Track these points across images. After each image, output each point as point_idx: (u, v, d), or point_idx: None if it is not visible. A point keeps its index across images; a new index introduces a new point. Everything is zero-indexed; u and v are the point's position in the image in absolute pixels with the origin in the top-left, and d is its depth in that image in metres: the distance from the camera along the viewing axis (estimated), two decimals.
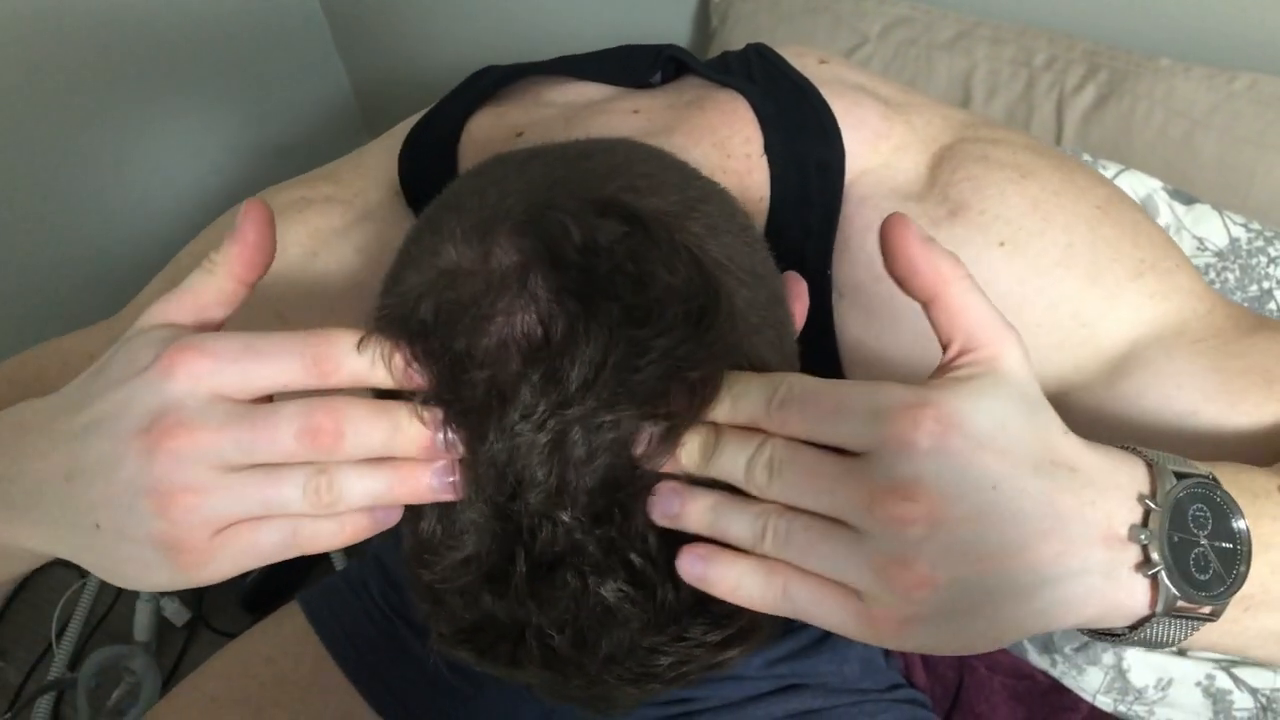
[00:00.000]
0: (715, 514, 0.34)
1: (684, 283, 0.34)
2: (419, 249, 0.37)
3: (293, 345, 0.34)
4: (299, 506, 0.34)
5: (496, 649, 0.36)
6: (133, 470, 0.33)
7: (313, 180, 0.61)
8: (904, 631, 0.32)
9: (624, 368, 0.32)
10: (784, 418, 0.33)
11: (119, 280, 1.46)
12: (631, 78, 0.60)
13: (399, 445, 0.34)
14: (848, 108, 0.55)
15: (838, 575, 0.33)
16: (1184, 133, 0.92)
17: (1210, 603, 0.34)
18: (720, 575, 0.34)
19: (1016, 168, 0.52)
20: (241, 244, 0.37)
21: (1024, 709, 0.86)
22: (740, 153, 0.54)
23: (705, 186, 0.41)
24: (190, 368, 0.33)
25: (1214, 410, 0.49)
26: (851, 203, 0.54)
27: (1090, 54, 0.99)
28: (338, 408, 0.33)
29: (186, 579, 0.35)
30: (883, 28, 1.08)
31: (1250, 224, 0.87)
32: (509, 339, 0.33)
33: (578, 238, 0.34)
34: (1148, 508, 0.34)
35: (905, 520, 0.31)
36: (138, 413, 0.33)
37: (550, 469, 0.32)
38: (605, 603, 0.34)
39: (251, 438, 0.33)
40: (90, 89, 1.38)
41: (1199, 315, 0.51)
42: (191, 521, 0.33)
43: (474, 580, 0.35)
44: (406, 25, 1.66)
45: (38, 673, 1.10)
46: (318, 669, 0.76)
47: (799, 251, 0.53)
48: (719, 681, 0.78)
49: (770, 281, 0.40)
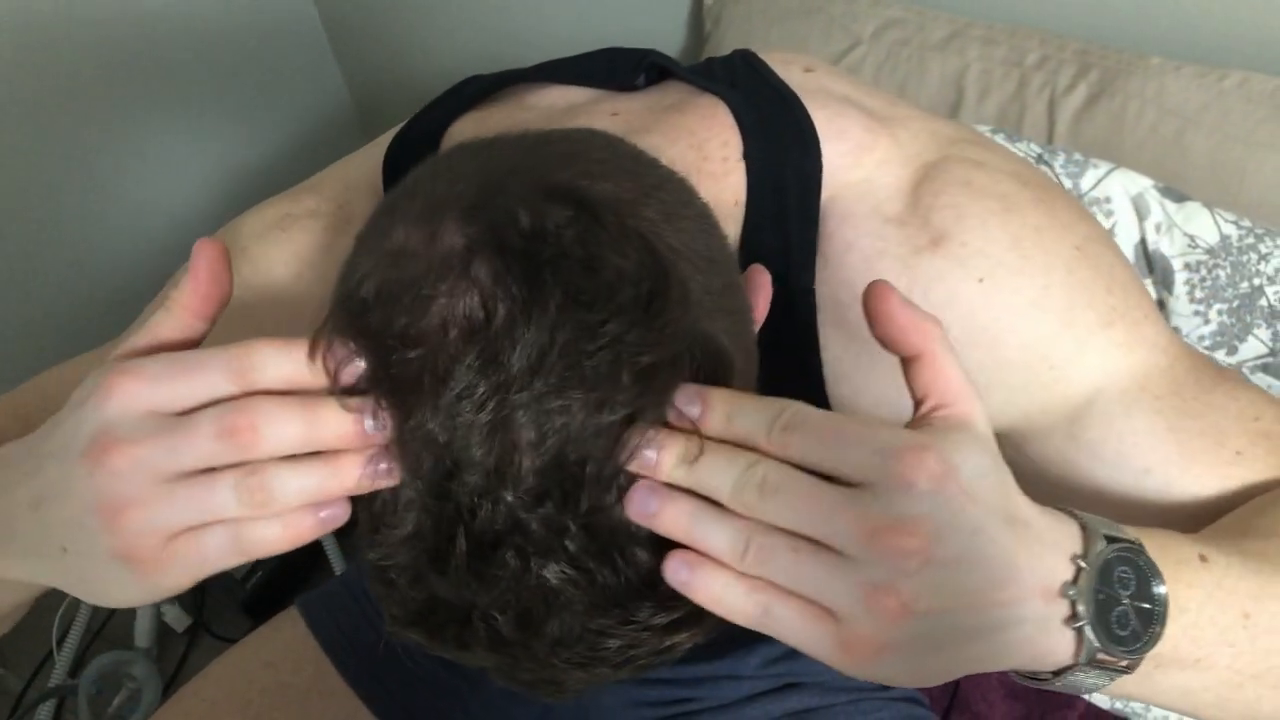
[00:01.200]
0: (694, 521, 0.34)
1: (634, 266, 0.34)
2: (372, 232, 0.38)
3: (217, 357, 0.35)
4: (235, 510, 0.35)
5: (445, 631, 0.36)
6: (81, 491, 0.35)
7: (296, 195, 0.61)
8: (875, 659, 0.34)
9: (572, 352, 0.32)
10: (785, 440, 0.34)
11: (117, 287, 1.47)
12: (614, 81, 0.61)
13: (320, 436, 0.34)
14: (830, 118, 0.55)
15: (823, 597, 0.33)
16: (1175, 131, 0.93)
17: (1127, 657, 0.37)
18: (704, 584, 0.34)
19: (1000, 198, 0.52)
20: (195, 283, 0.38)
21: (1021, 706, 0.87)
22: (717, 156, 0.54)
23: (662, 173, 0.41)
24: (124, 389, 0.35)
25: (1168, 471, 0.51)
26: (833, 219, 0.54)
27: (1081, 53, 0.99)
28: (252, 405, 0.34)
29: (152, 589, 0.37)
30: (875, 29, 1.08)
31: (1241, 221, 0.88)
32: (448, 320, 0.33)
33: (525, 223, 0.34)
34: (1079, 567, 0.36)
35: (903, 553, 0.32)
36: (82, 437, 0.35)
37: (490, 449, 0.33)
38: (548, 584, 0.34)
39: (175, 442, 0.34)
40: (87, 97, 1.39)
41: (1161, 369, 0.52)
42: (138, 533, 0.35)
43: (417, 559, 0.35)
44: (404, 31, 1.66)
45: (39, 680, 1.11)
46: (317, 674, 0.76)
47: (782, 262, 0.53)
48: (716, 681, 0.78)
49: (727, 269, 0.40)
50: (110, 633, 1.13)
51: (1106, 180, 0.90)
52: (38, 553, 0.38)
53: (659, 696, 0.78)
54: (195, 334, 0.39)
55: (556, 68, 0.63)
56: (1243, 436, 0.51)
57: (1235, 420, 0.51)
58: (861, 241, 0.53)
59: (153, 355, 0.36)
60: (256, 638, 0.80)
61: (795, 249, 0.53)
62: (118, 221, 1.48)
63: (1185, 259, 0.88)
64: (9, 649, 1.14)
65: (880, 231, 0.53)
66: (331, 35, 1.74)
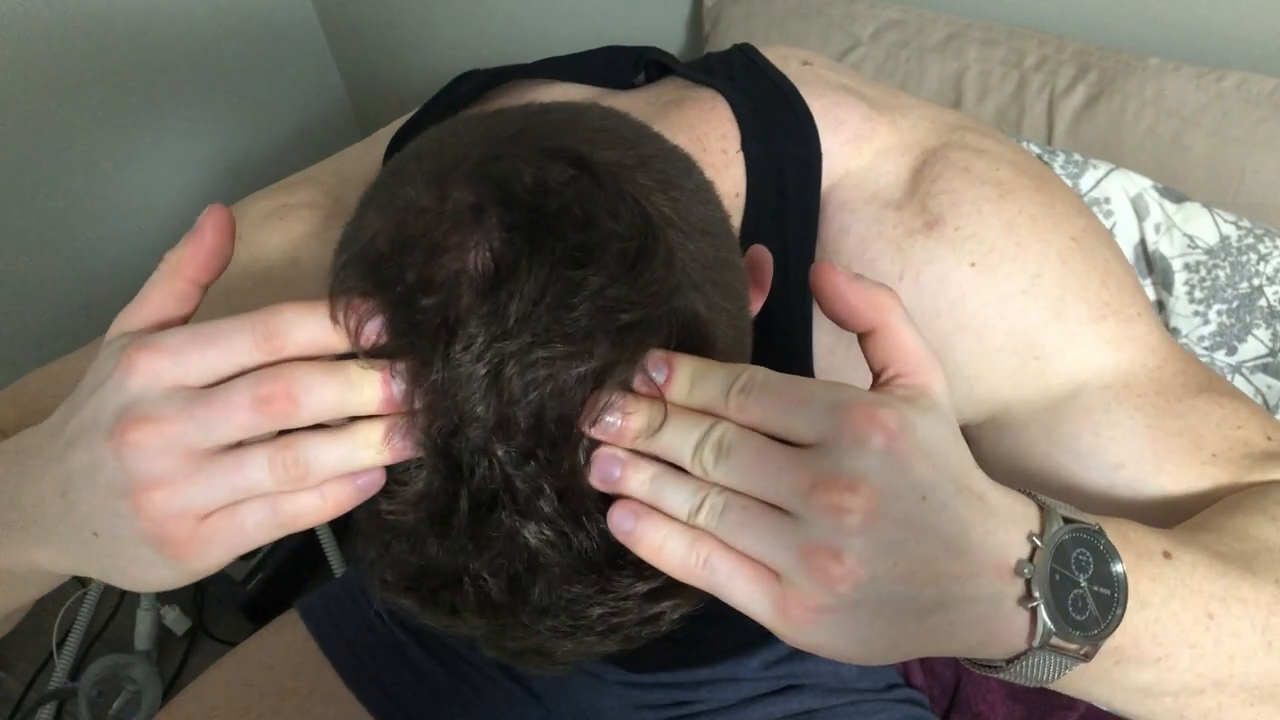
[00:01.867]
0: (654, 485, 0.34)
1: (625, 228, 0.34)
2: (380, 193, 0.38)
3: (242, 324, 0.34)
4: (269, 485, 0.34)
5: (437, 596, 0.36)
6: (109, 473, 0.34)
7: (292, 186, 0.61)
8: (813, 621, 0.33)
9: (559, 306, 0.32)
10: (742, 403, 0.34)
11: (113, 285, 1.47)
12: (614, 79, 0.61)
13: (356, 402, 0.34)
14: (827, 107, 0.55)
15: (763, 554, 0.33)
16: (1174, 131, 0.93)
17: (1085, 643, 0.36)
18: (646, 533, 0.34)
19: (997, 185, 0.52)
20: (197, 246, 0.37)
21: (1022, 707, 0.87)
22: (717, 148, 0.54)
23: (663, 146, 0.41)
24: (146, 364, 0.34)
25: (1141, 468, 0.50)
26: (831, 206, 0.54)
27: (1080, 54, 0.99)
28: (287, 371, 0.34)
29: (186, 571, 0.36)
30: (874, 30, 1.09)
31: (1240, 221, 0.88)
32: (461, 271, 0.33)
33: (529, 180, 0.34)
34: (1034, 545, 0.36)
35: (843, 510, 0.31)
36: (106, 417, 0.34)
37: (489, 404, 0.32)
38: (529, 545, 0.34)
39: (207, 415, 0.33)
40: (83, 94, 1.38)
41: (1148, 369, 0.52)
42: (168, 514, 0.34)
43: (421, 520, 0.34)
44: (400, 28, 1.66)
45: (39, 683, 1.10)
46: (318, 677, 0.76)
47: (781, 253, 0.53)
48: (717, 684, 0.78)
49: (722, 243, 0.40)
50: (110, 636, 1.13)
51: (1106, 181, 0.90)
52: (68, 539, 0.37)
53: (660, 699, 0.78)
54: (193, 303, 0.38)
55: (557, 65, 0.63)
56: (1221, 442, 0.50)
57: (1216, 425, 0.51)
58: (858, 226, 0.53)
59: (168, 329, 0.35)
60: (256, 641, 0.80)
61: (793, 240, 0.53)
62: (114, 219, 1.48)
63: (1185, 259, 0.88)
64: (9, 652, 1.13)
65: (877, 216, 0.53)
66: (328, 32, 1.74)
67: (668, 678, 0.78)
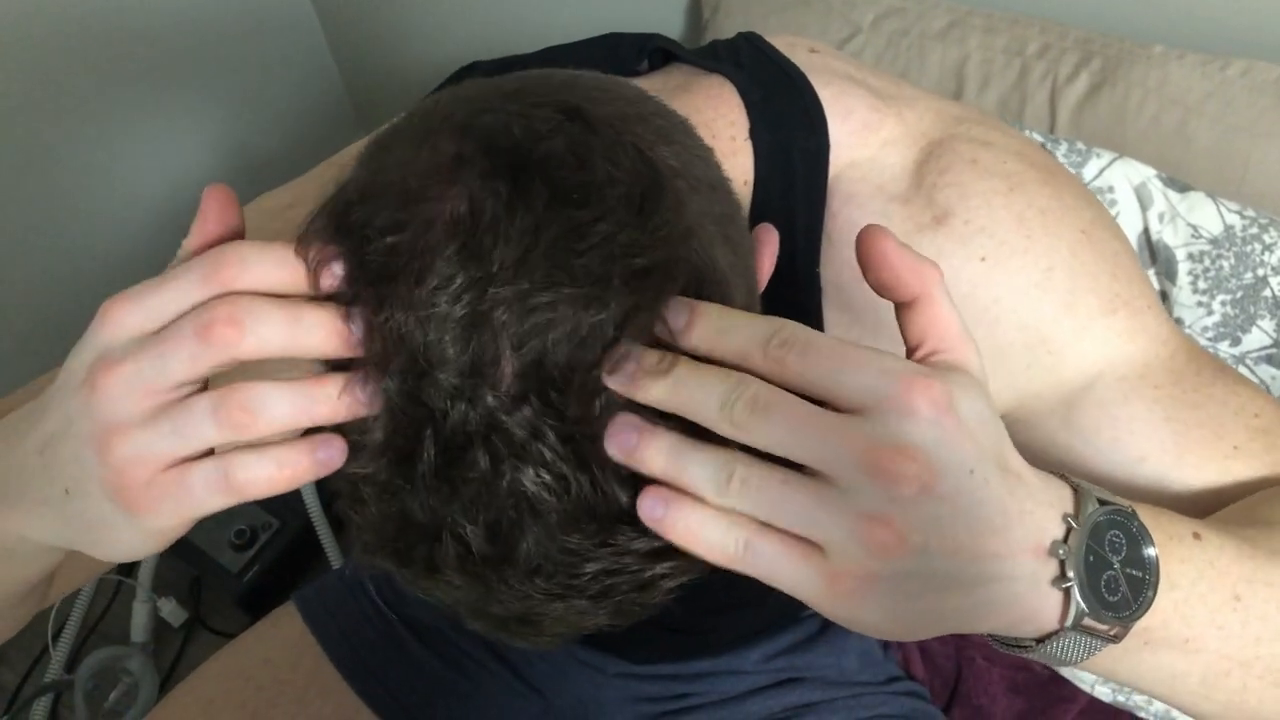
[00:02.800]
0: (673, 454, 0.32)
1: (627, 173, 0.33)
2: (368, 150, 0.37)
3: (193, 262, 0.34)
4: (214, 433, 0.33)
5: (414, 552, 0.34)
6: (79, 421, 0.34)
7: (298, 186, 0.61)
8: (860, 595, 0.32)
9: (560, 249, 0.31)
10: (782, 357, 0.32)
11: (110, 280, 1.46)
12: (618, 66, 0.60)
13: (306, 340, 0.33)
14: (835, 96, 0.54)
15: (809, 528, 0.32)
16: (1178, 120, 0.92)
17: (1116, 624, 0.36)
18: (678, 519, 0.33)
19: (1005, 178, 0.52)
20: (202, 224, 0.37)
21: (1023, 700, 0.86)
22: (725, 135, 0.53)
23: (663, 107, 0.40)
24: (114, 313, 0.34)
25: (1162, 460, 0.50)
26: (838, 199, 0.53)
27: (1083, 42, 0.98)
28: (231, 298, 0.33)
29: (145, 530, 0.35)
30: (875, 18, 1.08)
31: (1245, 211, 0.87)
32: (433, 216, 0.32)
33: (518, 131, 0.33)
34: (1069, 526, 0.35)
35: (901, 478, 0.31)
36: (81, 369, 0.34)
37: (465, 346, 0.31)
38: (522, 490, 0.32)
39: (158, 350, 0.33)
40: (81, 89, 1.38)
41: (1162, 360, 0.51)
42: (124, 461, 0.33)
43: (385, 467, 0.33)
44: (398, 22, 1.65)
45: (35, 674, 1.10)
46: (315, 670, 0.76)
47: (789, 243, 0.52)
48: (717, 676, 0.78)
49: (728, 201, 0.39)
50: (106, 628, 1.13)
51: (1109, 170, 0.90)
52: (45, 500, 0.37)
53: (659, 691, 0.78)
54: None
55: (558, 53, 0.62)
56: (1241, 432, 0.50)
57: (1234, 415, 0.51)
58: (865, 220, 0.52)
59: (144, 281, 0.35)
60: (253, 634, 0.80)
61: (801, 232, 0.53)
62: (111, 214, 1.47)
63: (1188, 249, 0.88)
64: (4, 644, 1.13)
65: (884, 210, 0.52)
66: (326, 26, 1.73)
67: (667, 669, 0.78)
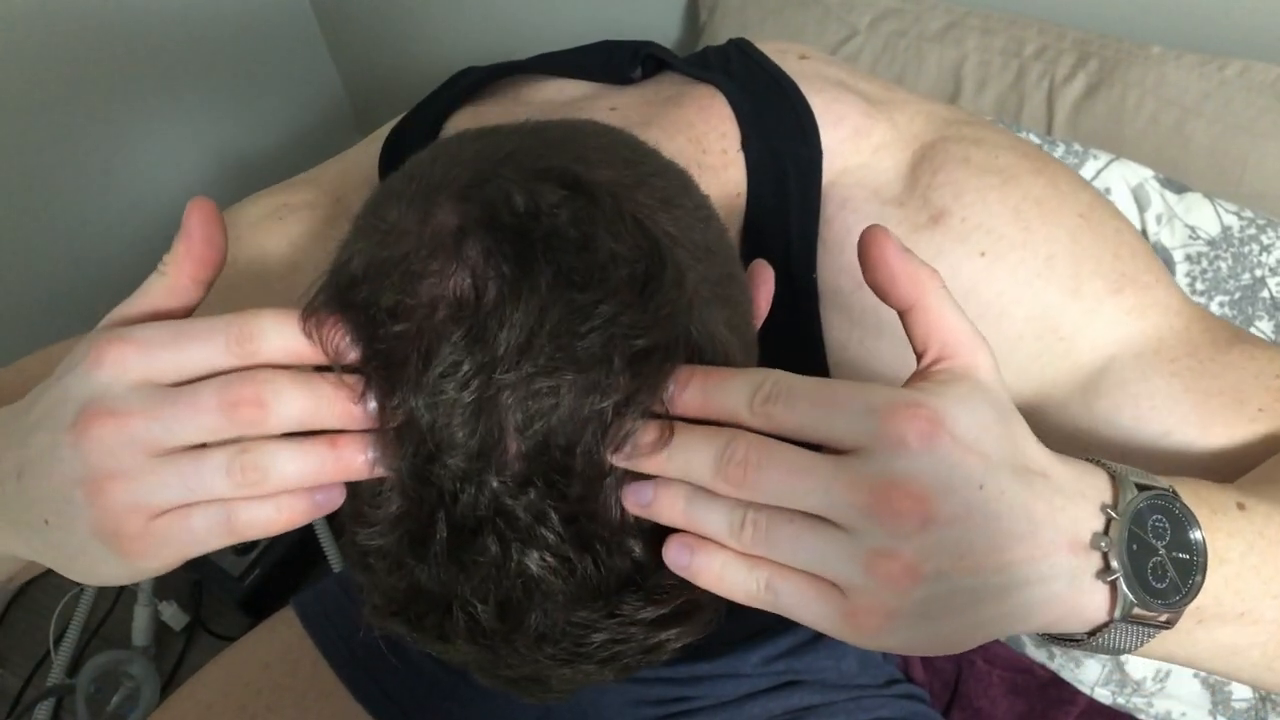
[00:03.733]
0: (689, 504, 0.33)
1: (629, 249, 0.33)
2: (366, 214, 0.37)
3: (218, 325, 0.34)
4: (224, 489, 0.33)
5: (425, 621, 0.35)
6: (67, 462, 0.34)
7: (293, 186, 0.61)
8: (885, 627, 0.32)
9: (563, 333, 0.31)
10: (769, 412, 0.33)
11: (111, 281, 1.46)
12: (612, 75, 0.60)
13: (324, 415, 0.33)
14: (827, 104, 0.54)
15: (825, 570, 0.32)
16: (1175, 121, 0.92)
17: (1166, 611, 0.35)
18: (704, 565, 0.33)
19: (998, 172, 0.52)
20: (188, 241, 0.37)
21: (1023, 702, 0.86)
22: (716, 148, 0.53)
23: (660, 162, 0.41)
24: (115, 355, 0.33)
25: (1187, 432, 0.49)
26: (832, 204, 0.53)
27: (1080, 43, 0.98)
28: (258, 377, 0.33)
29: (134, 569, 0.35)
30: (872, 19, 1.08)
31: (1243, 212, 0.87)
32: (437, 298, 0.32)
33: (519, 203, 0.33)
34: (1109, 517, 0.35)
35: (899, 514, 0.31)
36: (70, 406, 0.34)
37: (474, 431, 0.32)
38: (529, 573, 0.33)
39: (174, 414, 0.33)
40: (79, 91, 1.38)
41: (1175, 332, 0.51)
42: (121, 508, 0.33)
43: (398, 543, 0.34)
44: (398, 24, 1.65)
45: (36, 679, 1.10)
46: (314, 674, 0.76)
47: (783, 253, 0.52)
48: (716, 679, 0.78)
49: (726, 260, 0.39)
50: (108, 632, 1.13)
51: (1106, 171, 0.90)
52: (22, 523, 0.37)
53: (659, 695, 0.78)
54: (190, 299, 0.38)
55: (554, 60, 0.62)
56: (1264, 394, 0.50)
57: (1255, 378, 0.50)
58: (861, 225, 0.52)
59: (146, 322, 0.35)
60: (252, 639, 0.80)
61: (796, 238, 0.53)
62: (111, 216, 1.47)
63: (1186, 250, 0.87)
64: (6, 648, 1.13)
65: (880, 214, 0.52)
66: (325, 28, 1.73)
67: (667, 673, 0.78)
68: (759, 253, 0.53)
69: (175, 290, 0.37)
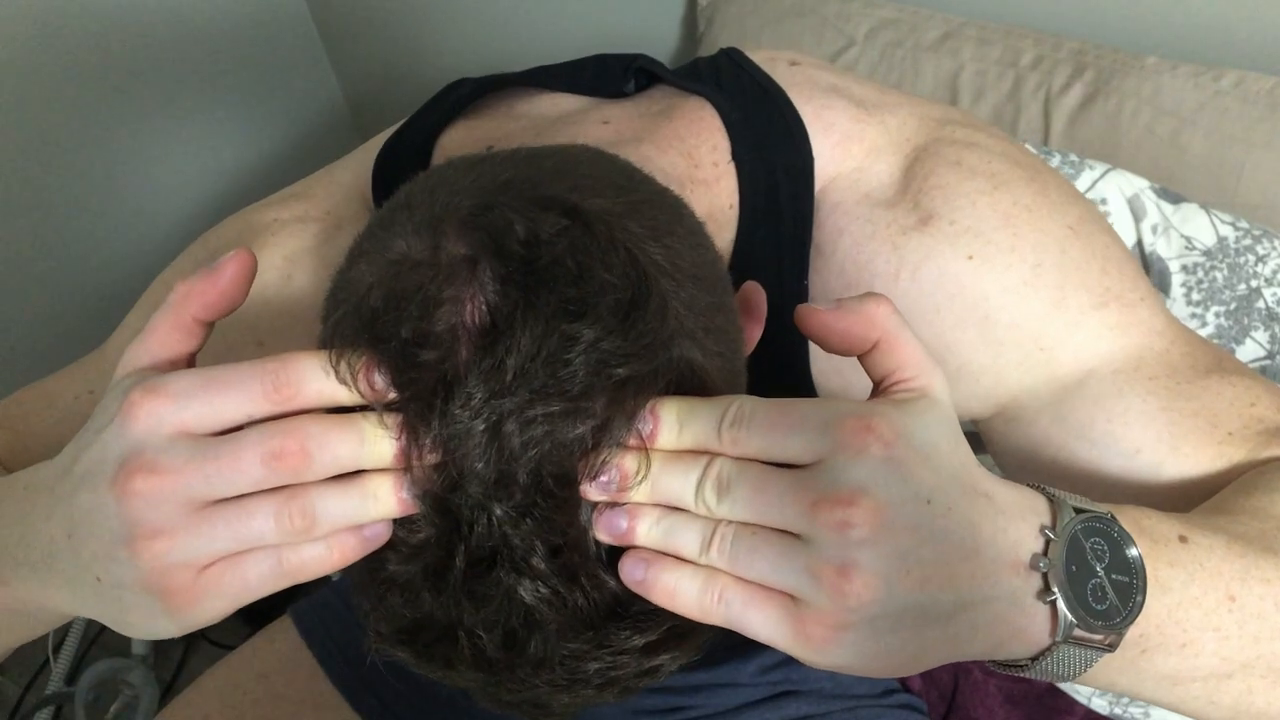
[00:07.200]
0: (663, 528, 0.34)
1: (617, 278, 0.34)
2: (370, 244, 0.37)
3: (252, 373, 0.34)
4: (274, 537, 0.33)
5: (432, 649, 0.35)
6: (110, 520, 0.33)
7: (285, 200, 0.61)
8: (834, 640, 0.33)
9: (554, 360, 0.32)
10: (735, 436, 0.33)
11: (113, 288, 1.47)
12: (604, 88, 0.60)
13: (369, 456, 0.34)
14: (817, 111, 0.54)
15: (777, 580, 0.33)
16: (1171, 131, 0.92)
17: (1107, 631, 0.36)
18: (658, 580, 0.34)
19: (990, 177, 0.52)
20: (210, 284, 0.37)
21: (1020, 712, 0.86)
22: (708, 161, 0.54)
23: (652, 189, 0.41)
24: (150, 409, 0.33)
25: (1158, 451, 0.50)
26: (824, 209, 0.53)
27: (1077, 53, 0.98)
28: (300, 426, 0.33)
29: (186, 622, 0.35)
30: (869, 30, 1.08)
31: (1238, 222, 0.87)
32: (457, 325, 0.33)
33: (522, 231, 0.34)
34: (1048, 538, 0.35)
35: (848, 524, 0.32)
36: (110, 462, 0.34)
37: (488, 459, 0.32)
38: (525, 603, 0.33)
39: (216, 469, 0.33)
40: (82, 100, 1.38)
41: (1156, 352, 0.51)
42: (168, 565, 0.33)
43: (417, 574, 0.34)
44: (397, 32, 1.65)
45: (36, 687, 1.10)
46: (311, 684, 0.76)
47: (775, 261, 0.53)
48: (713, 689, 0.78)
49: (715, 288, 0.40)
50: (107, 640, 1.13)
51: (1102, 181, 0.90)
52: (75, 582, 0.37)
53: (656, 704, 0.78)
54: (198, 335, 0.38)
55: (546, 74, 0.62)
56: (1235, 420, 0.50)
57: (1229, 404, 0.50)
58: (852, 227, 0.53)
59: (174, 371, 0.35)
60: (249, 648, 0.80)
61: (788, 248, 0.53)
62: (110, 223, 1.47)
63: (1182, 261, 0.88)
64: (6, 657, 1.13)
65: (870, 215, 0.52)
66: (325, 35, 1.74)
67: (664, 682, 0.78)
68: (752, 262, 0.53)
69: (182, 328, 0.37)
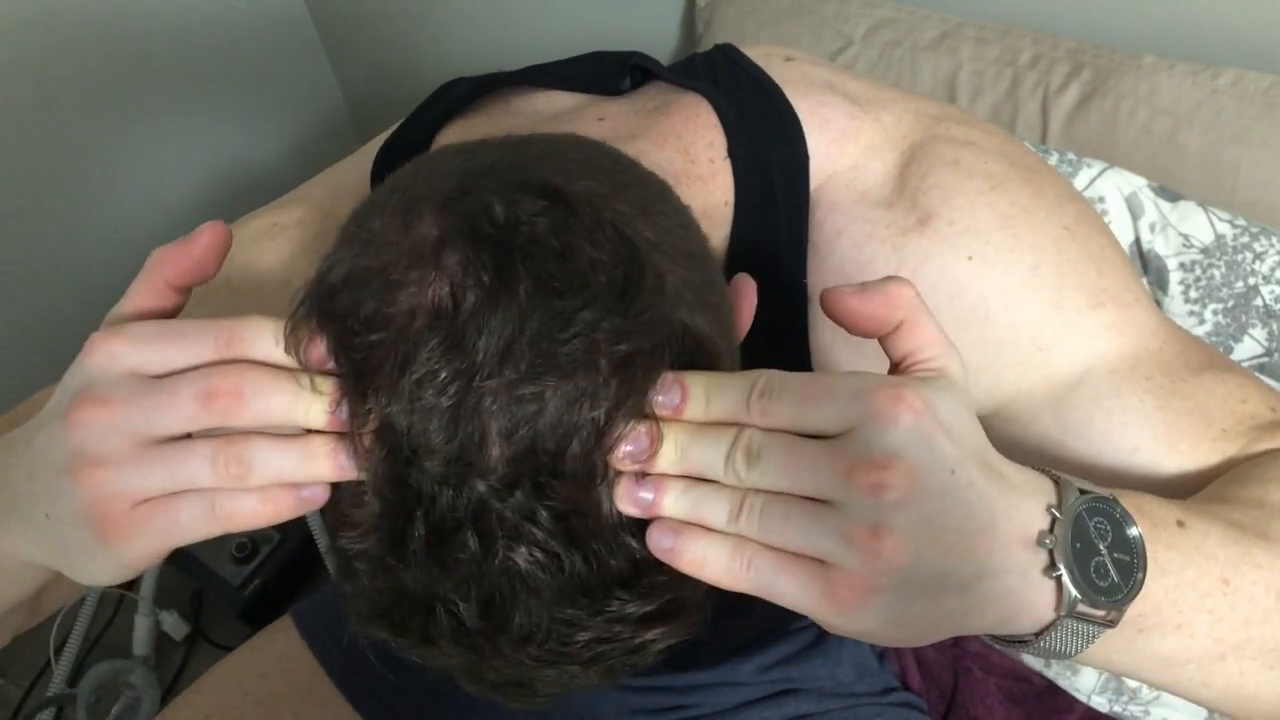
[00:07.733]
0: (691, 498, 0.35)
1: (609, 255, 0.34)
2: (350, 225, 0.38)
3: (208, 328, 0.35)
4: (209, 480, 0.35)
5: (409, 623, 0.36)
6: (58, 450, 0.35)
7: (285, 205, 0.61)
8: (860, 603, 0.33)
9: (544, 339, 0.32)
10: (765, 407, 0.34)
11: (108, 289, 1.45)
12: (600, 85, 0.60)
13: (300, 413, 0.34)
14: (812, 108, 0.55)
15: (808, 544, 0.33)
16: (1168, 130, 0.92)
17: (1109, 607, 0.37)
18: (686, 548, 0.34)
19: (987, 177, 0.52)
20: (183, 251, 0.39)
21: (1019, 711, 0.86)
22: (704, 157, 0.54)
23: (640, 173, 0.42)
24: (106, 348, 0.35)
25: (1155, 449, 0.51)
26: (821, 208, 0.53)
27: (1074, 52, 0.99)
28: (237, 371, 0.34)
29: (119, 559, 0.36)
30: (867, 30, 1.08)
31: (1236, 220, 0.87)
32: (416, 307, 0.33)
33: (499, 213, 0.34)
34: (1054, 516, 0.36)
35: (882, 487, 0.32)
36: (65, 396, 0.36)
37: (452, 435, 0.32)
38: (514, 569, 0.34)
39: (154, 403, 0.34)
40: (78, 100, 1.38)
41: (1151, 351, 0.52)
42: (104, 493, 0.35)
43: (378, 544, 0.35)
44: (397, 32, 1.66)
45: (37, 688, 1.10)
46: (312, 683, 0.76)
47: (773, 259, 0.53)
48: (712, 688, 0.78)
49: (707, 267, 0.40)
50: (109, 641, 1.13)
51: (1100, 180, 0.90)
52: (31, 522, 0.38)
53: (655, 703, 0.78)
54: (168, 300, 0.39)
55: (542, 72, 0.62)
56: (1229, 417, 0.51)
57: (1222, 402, 0.51)
58: (850, 227, 0.53)
59: (141, 321, 0.37)
60: (250, 648, 0.80)
61: (785, 244, 0.53)
62: (110, 224, 1.48)
63: (1180, 259, 0.88)
64: (7, 657, 1.13)
65: (868, 215, 0.53)
66: (325, 35, 1.74)
67: (663, 681, 0.78)
68: (749, 259, 0.53)
69: (154, 290, 0.39)
